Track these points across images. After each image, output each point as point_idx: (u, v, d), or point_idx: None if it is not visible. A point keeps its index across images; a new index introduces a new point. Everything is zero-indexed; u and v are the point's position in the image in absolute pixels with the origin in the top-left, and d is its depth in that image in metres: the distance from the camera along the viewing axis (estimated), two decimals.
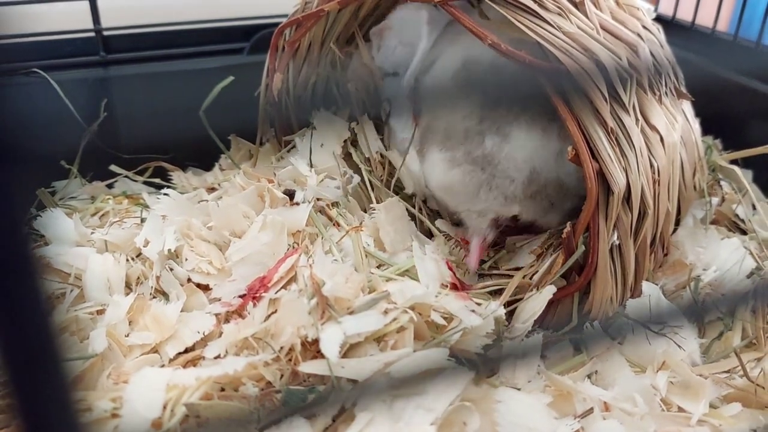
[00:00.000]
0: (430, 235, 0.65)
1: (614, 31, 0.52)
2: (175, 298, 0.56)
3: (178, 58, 0.86)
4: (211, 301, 0.56)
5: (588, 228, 0.53)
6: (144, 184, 0.78)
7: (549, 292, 0.55)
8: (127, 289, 0.58)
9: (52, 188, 0.75)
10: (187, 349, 0.52)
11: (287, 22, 0.68)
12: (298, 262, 0.55)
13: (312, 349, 0.48)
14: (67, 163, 0.76)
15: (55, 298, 0.56)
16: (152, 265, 0.59)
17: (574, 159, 0.51)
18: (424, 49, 0.65)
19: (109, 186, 0.77)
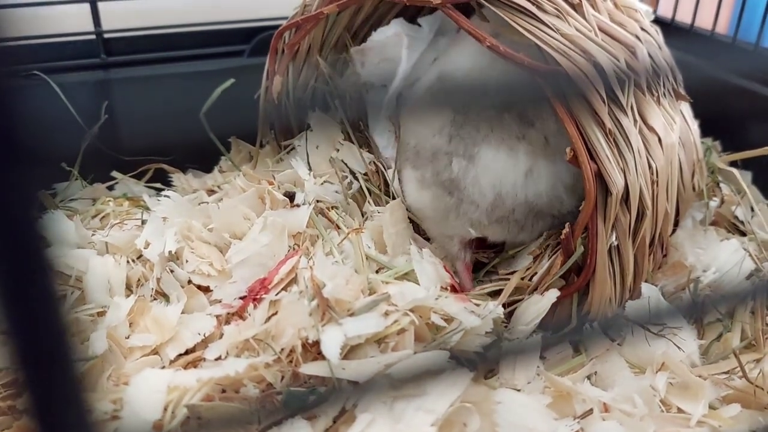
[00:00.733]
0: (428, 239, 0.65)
1: (612, 33, 0.53)
2: (176, 299, 0.56)
3: (179, 61, 0.86)
4: (212, 302, 0.57)
5: (586, 229, 0.53)
6: (144, 186, 0.78)
7: (552, 295, 0.55)
8: (128, 290, 0.58)
9: (53, 190, 0.75)
10: (188, 351, 0.52)
11: (287, 25, 0.68)
12: (299, 263, 0.55)
13: (313, 350, 0.48)
14: (68, 165, 0.76)
15: None
16: (153, 267, 0.59)
17: (573, 160, 0.51)
18: (405, 71, 0.64)
19: (110, 188, 0.78)
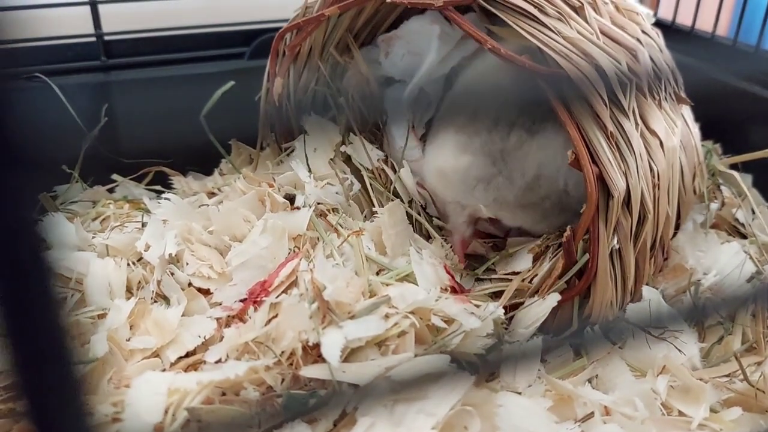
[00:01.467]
0: (428, 238, 0.65)
1: (614, 36, 0.53)
2: (176, 302, 0.56)
3: (179, 63, 0.86)
4: (212, 305, 0.56)
5: (588, 232, 0.53)
6: (145, 189, 0.78)
7: (553, 299, 0.55)
8: (128, 293, 0.58)
9: (53, 192, 0.75)
10: (188, 354, 0.52)
11: (288, 27, 0.68)
12: (299, 266, 0.55)
13: (313, 353, 0.48)
14: (68, 167, 0.76)
15: None
16: (153, 270, 0.59)
17: (574, 163, 0.51)
18: (432, 62, 0.64)
19: (110, 190, 0.78)
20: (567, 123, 0.50)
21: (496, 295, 0.59)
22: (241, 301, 0.55)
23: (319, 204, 0.64)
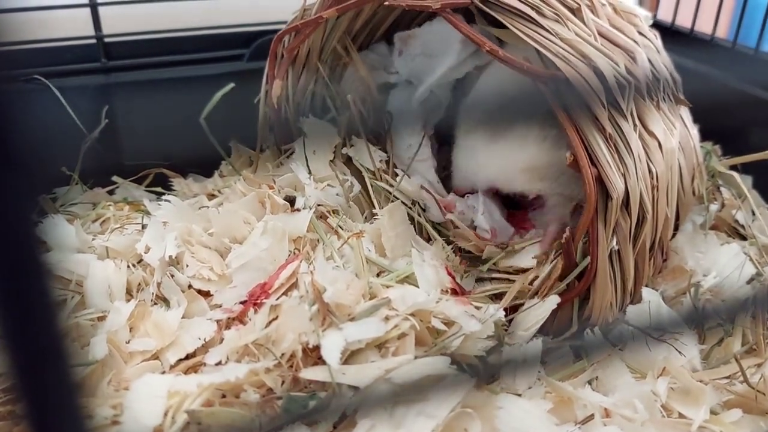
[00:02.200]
0: (428, 240, 0.65)
1: (612, 38, 0.53)
2: (176, 304, 0.56)
3: (179, 65, 0.86)
4: (212, 307, 0.56)
5: (587, 234, 0.53)
6: (145, 191, 0.78)
7: (553, 300, 0.55)
8: (128, 295, 0.58)
9: (53, 194, 0.75)
10: (188, 356, 0.52)
11: (286, 29, 0.68)
12: (299, 268, 0.55)
13: (313, 355, 0.48)
14: (68, 169, 0.76)
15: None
16: (153, 272, 0.59)
17: (573, 165, 0.51)
18: (450, 66, 0.64)
19: (110, 192, 0.78)
20: (566, 125, 0.50)
21: (497, 297, 0.59)
22: (241, 303, 0.55)
23: (319, 206, 0.64)
